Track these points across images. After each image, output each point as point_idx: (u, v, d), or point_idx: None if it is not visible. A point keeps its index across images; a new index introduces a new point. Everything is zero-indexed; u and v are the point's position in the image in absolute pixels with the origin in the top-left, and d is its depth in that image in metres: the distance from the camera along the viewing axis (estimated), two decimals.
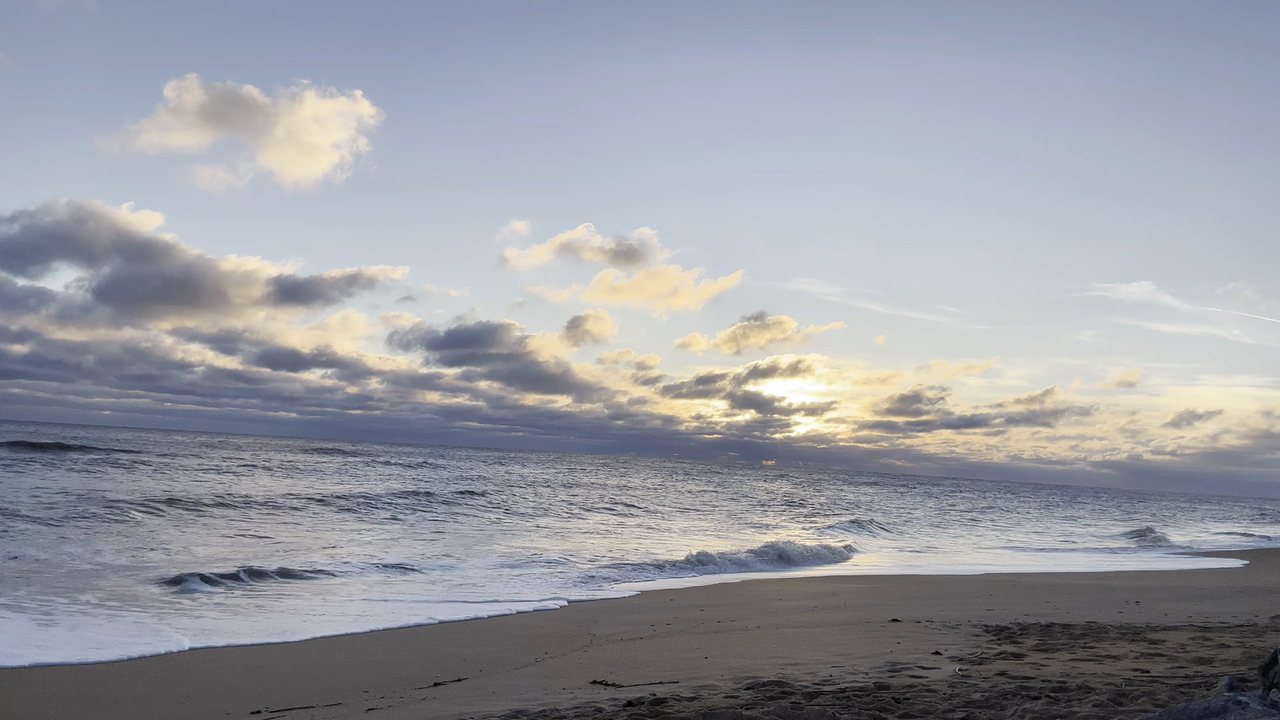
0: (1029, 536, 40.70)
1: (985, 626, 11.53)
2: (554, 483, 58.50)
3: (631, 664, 9.27)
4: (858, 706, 6.60)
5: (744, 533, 32.77)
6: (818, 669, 8.49)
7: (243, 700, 8.09)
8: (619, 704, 6.95)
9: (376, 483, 43.82)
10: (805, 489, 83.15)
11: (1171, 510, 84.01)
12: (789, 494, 69.31)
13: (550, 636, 11.55)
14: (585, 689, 7.90)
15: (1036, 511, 66.44)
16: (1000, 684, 7.41)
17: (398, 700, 7.86)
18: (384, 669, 9.41)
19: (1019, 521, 52.36)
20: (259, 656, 10.03)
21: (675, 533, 31.04)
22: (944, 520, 48.75)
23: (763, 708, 6.56)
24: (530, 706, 7.06)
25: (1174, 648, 9.55)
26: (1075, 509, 74.83)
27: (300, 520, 26.44)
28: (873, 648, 9.85)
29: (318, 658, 10.06)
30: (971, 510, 60.64)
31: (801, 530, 35.66)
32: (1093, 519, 59.99)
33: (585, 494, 49.11)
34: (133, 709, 7.82)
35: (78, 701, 7.99)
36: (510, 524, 29.99)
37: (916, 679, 7.83)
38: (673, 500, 50.66)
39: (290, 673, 9.25)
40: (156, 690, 8.41)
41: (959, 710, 6.36)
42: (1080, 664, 8.61)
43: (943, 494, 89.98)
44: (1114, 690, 6.98)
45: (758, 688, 7.52)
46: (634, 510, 40.42)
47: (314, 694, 8.31)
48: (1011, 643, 10.13)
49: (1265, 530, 53.94)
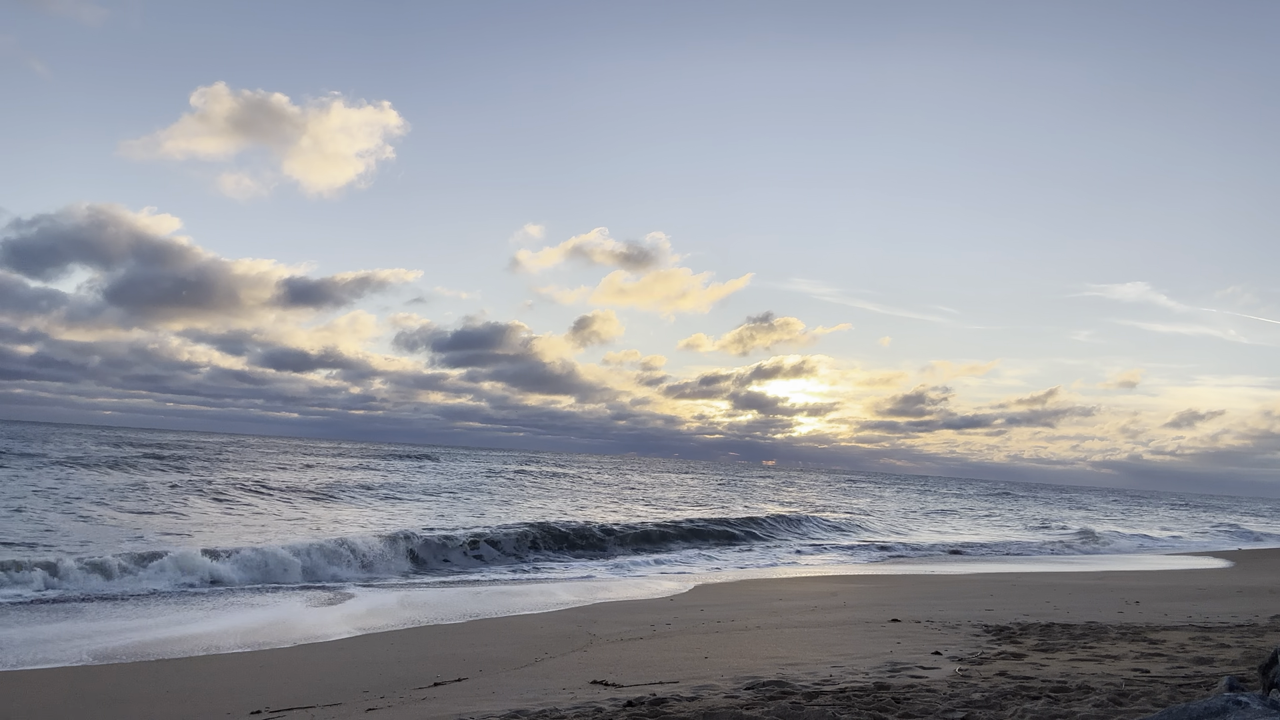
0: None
1: (985, 626, 11.53)
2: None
3: (631, 664, 9.27)
4: (858, 706, 6.60)
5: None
6: (818, 669, 8.49)
7: (243, 700, 8.09)
8: (619, 704, 6.95)
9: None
10: (781, 485, 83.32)
11: (1130, 508, 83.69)
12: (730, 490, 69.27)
13: (550, 636, 11.55)
14: (585, 689, 7.90)
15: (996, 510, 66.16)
16: (1000, 684, 7.41)
17: (398, 700, 7.86)
18: (384, 669, 9.41)
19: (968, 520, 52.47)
20: (263, 655, 10.04)
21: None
22: (908, 515, 49.85)
23: (763, 708, 6.56)
24: (530, 706, 7.06)
25: (1174, 648, 9.55)
26: (1035, 507, 74.64)
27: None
28: (873, 648, 9.85)
29: (318, 658, 10.06)
30: (932, 510, 60.93)
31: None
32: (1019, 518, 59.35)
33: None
34: (133, 709, 7.82)
35: (78, 701, 8.00)
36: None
37: (916, 679, 7.82)
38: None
39: (290, 672, 9.25)
40: (157, 690, 8.41)
41: (959, 710, 6.36)
42: (1080, 664, 8.61)
43: (919, 492, 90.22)
44: (1114, 690, 6.98)
45: (758, 688, 7.52)
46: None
47: (314, 694, 8.31)
48: (1011, 643, 10.13)
49: (1179, 531, 49.92)
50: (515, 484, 52.57)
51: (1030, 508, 70.14)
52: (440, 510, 32.57)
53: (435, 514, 30.80)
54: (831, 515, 42.16)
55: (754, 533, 32.48)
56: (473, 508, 34.25)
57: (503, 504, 37.06)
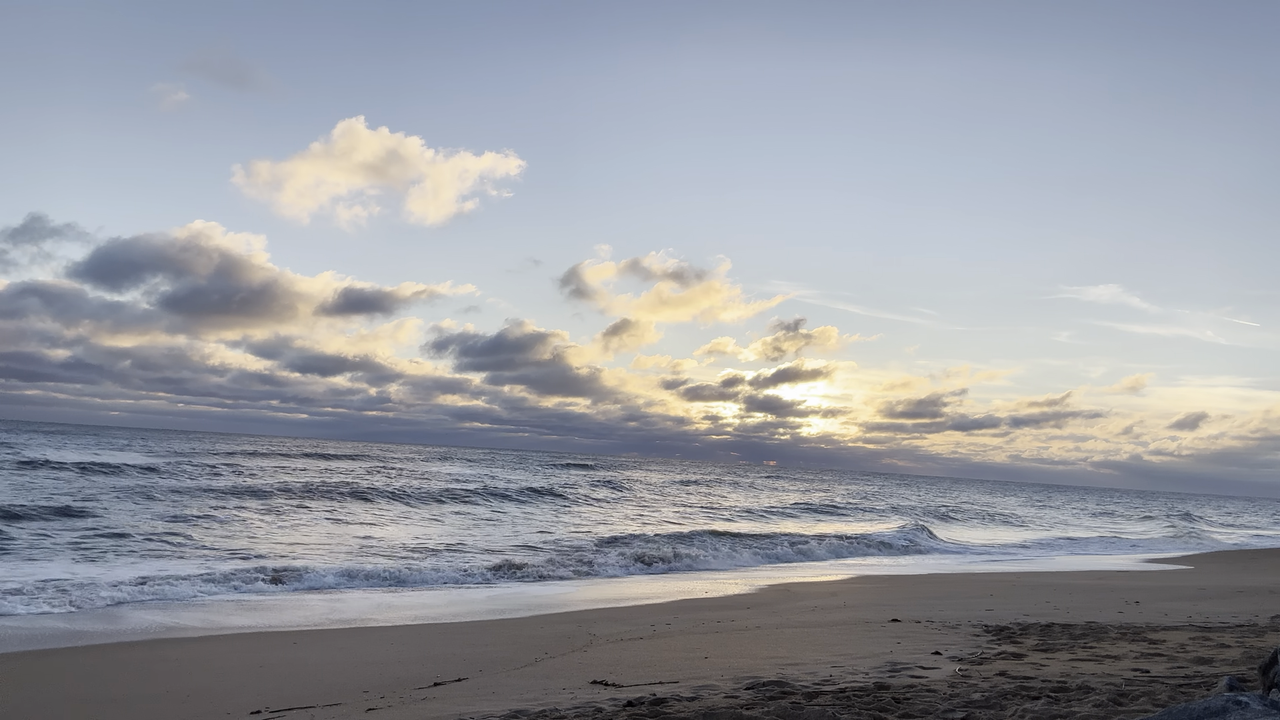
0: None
1: (985, 626, 11.53)
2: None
3: (631, 664, 9.27)
4: (858, 706, 6.60)
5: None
6: (818, 669, 8.48)
7: (243, 700, 8.08)
8: (619, 704, 6.95)
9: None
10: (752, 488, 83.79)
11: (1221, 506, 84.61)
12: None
13: (550, 637, 11.54)
14: (585, 689, 7.90)
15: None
16: (1000, 684, 7.41)
17: (398, 700, 7.85)
18: (384, 669, 9.40)
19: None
20: (263, 655, 10.03)
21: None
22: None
23: (763, 708, 6.55)
24: (530, 706, 7.06)
25: (1174, 648, 9.55)
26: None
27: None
28: (873, 648, 9.85)
29: (318, 658, 10.06)
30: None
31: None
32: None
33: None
34: (133, 708, 7.82)
35: (77, 701, 8.00)
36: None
37: (916, 679, 7.82)
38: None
39: (290, 672, 9.25)
40: (157, 690, 8.41)
41: (959, 710, 6.36)
42: (1080, 664, 8.61)
43: (982, 493, 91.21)
44: (1114, 690, 6.98)
45: (758, 688, 7.52)
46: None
47: (314, 694, 8.31)
48: (1011, 643, 10.13)
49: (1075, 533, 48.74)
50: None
51: (1121, 508, 71.27)
52: (603, 517, 36.57)
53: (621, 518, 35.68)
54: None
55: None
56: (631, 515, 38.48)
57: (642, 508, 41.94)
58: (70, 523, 21.79)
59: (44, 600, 12.94)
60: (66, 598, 13.12)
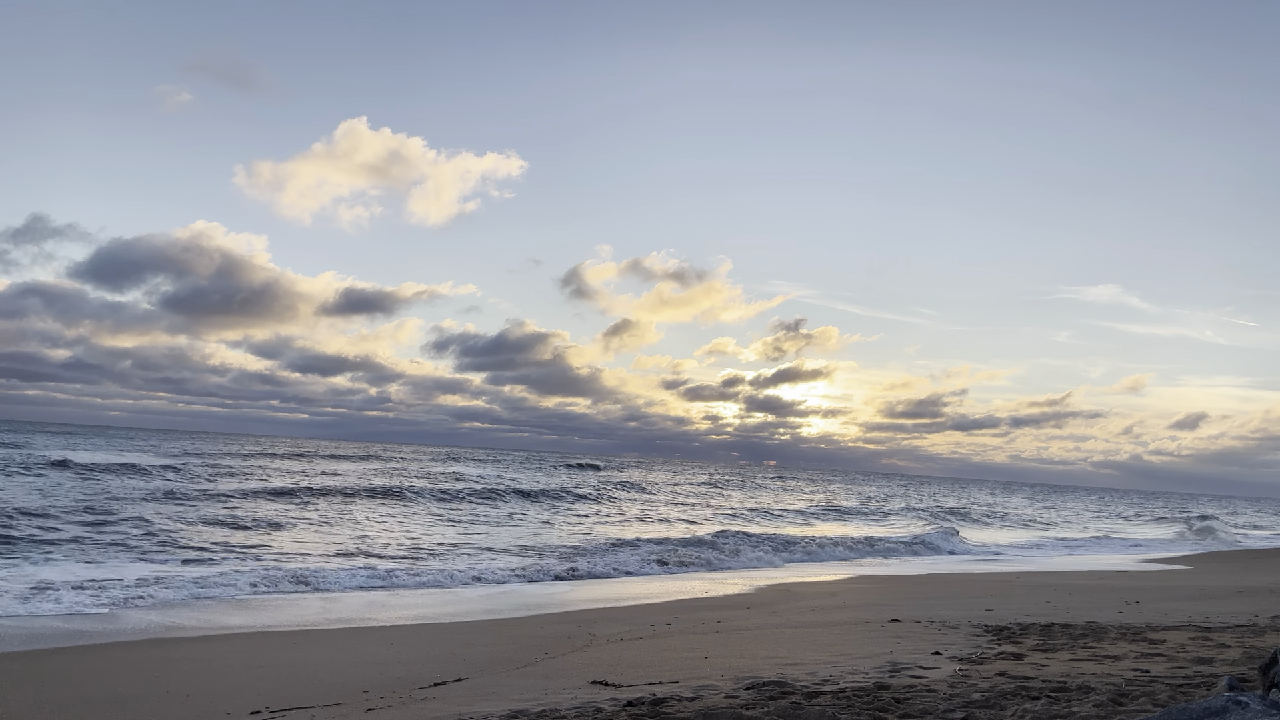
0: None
1: (985, 626, 11.53)
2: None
3: (631, 664, 9.27)
4: (858, 706, 6.60)
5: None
6: (818, 669, 8.48)
7: (243, 700, 8.08)
8: (619, 704, 6.94)
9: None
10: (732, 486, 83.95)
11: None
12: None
13: (550, 637, 11.54)
14: (585, 689, 7.90)
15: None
16: (1000, 684, 7.40)
17: (398, 700, 7.85)
18: (384, 669, 9.40)
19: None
20: (263, 655, 10.03)
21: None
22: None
23: (763, 708, 6.55)
24: (530, 706, 7.06)
25: (1174, 648, 9.55)
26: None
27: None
28: (873, 648, 9.84)
29: (318, 657, 10.06)
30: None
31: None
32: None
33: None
34: (133, 708, 7.82)
35: (77, 701, 8.00)
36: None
37: (916, 679, 7.82)
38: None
39: (290, 672, 9.25)
40: (157, 689, 8.41)
41: (959, 710, 6.36)
42: (1080, 664, 8.60)
43: (994, 494, 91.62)
44: (1114, 690, 6.98)
45: (758, 688, 7.52)
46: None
47: (314, 694, 8.31)
48: (1011, 643, 10.13)
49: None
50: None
51: (1130, 508, 72.02)
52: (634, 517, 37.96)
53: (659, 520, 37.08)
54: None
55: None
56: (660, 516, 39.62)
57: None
58: (72, 522, 21.81)
59: (44, 600, 12.96)
60: (67, 598, 13.13)
